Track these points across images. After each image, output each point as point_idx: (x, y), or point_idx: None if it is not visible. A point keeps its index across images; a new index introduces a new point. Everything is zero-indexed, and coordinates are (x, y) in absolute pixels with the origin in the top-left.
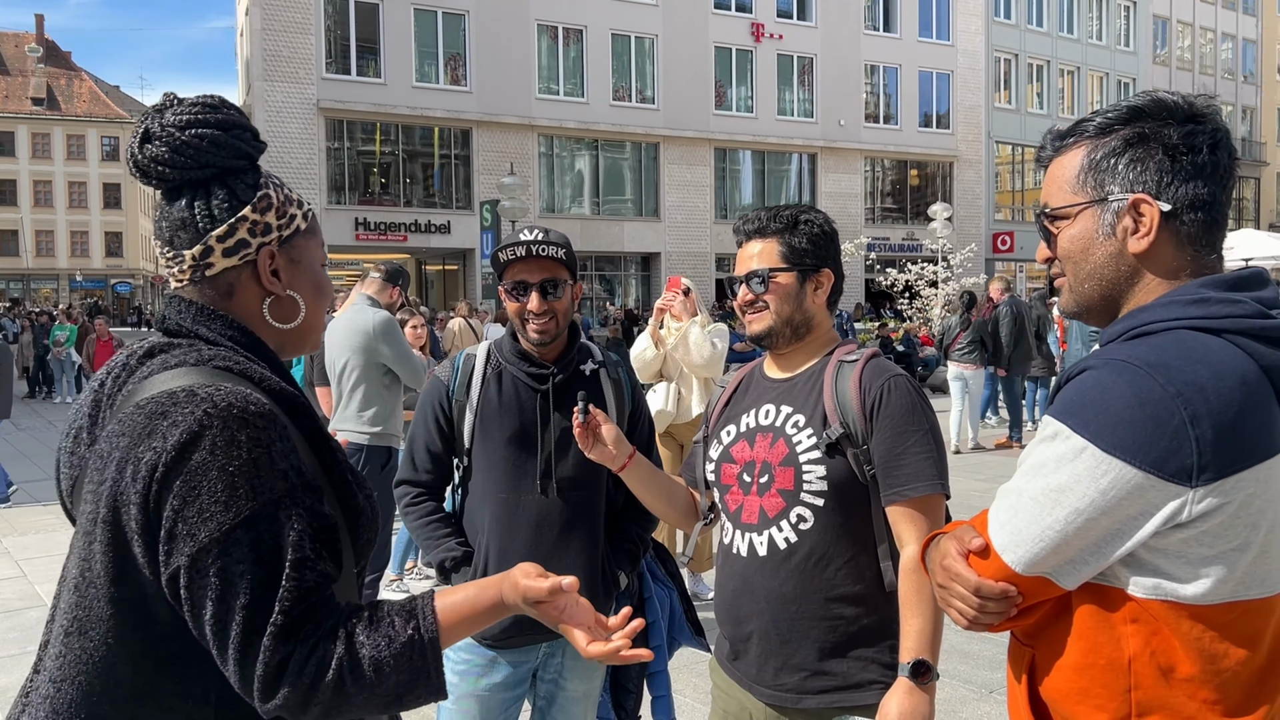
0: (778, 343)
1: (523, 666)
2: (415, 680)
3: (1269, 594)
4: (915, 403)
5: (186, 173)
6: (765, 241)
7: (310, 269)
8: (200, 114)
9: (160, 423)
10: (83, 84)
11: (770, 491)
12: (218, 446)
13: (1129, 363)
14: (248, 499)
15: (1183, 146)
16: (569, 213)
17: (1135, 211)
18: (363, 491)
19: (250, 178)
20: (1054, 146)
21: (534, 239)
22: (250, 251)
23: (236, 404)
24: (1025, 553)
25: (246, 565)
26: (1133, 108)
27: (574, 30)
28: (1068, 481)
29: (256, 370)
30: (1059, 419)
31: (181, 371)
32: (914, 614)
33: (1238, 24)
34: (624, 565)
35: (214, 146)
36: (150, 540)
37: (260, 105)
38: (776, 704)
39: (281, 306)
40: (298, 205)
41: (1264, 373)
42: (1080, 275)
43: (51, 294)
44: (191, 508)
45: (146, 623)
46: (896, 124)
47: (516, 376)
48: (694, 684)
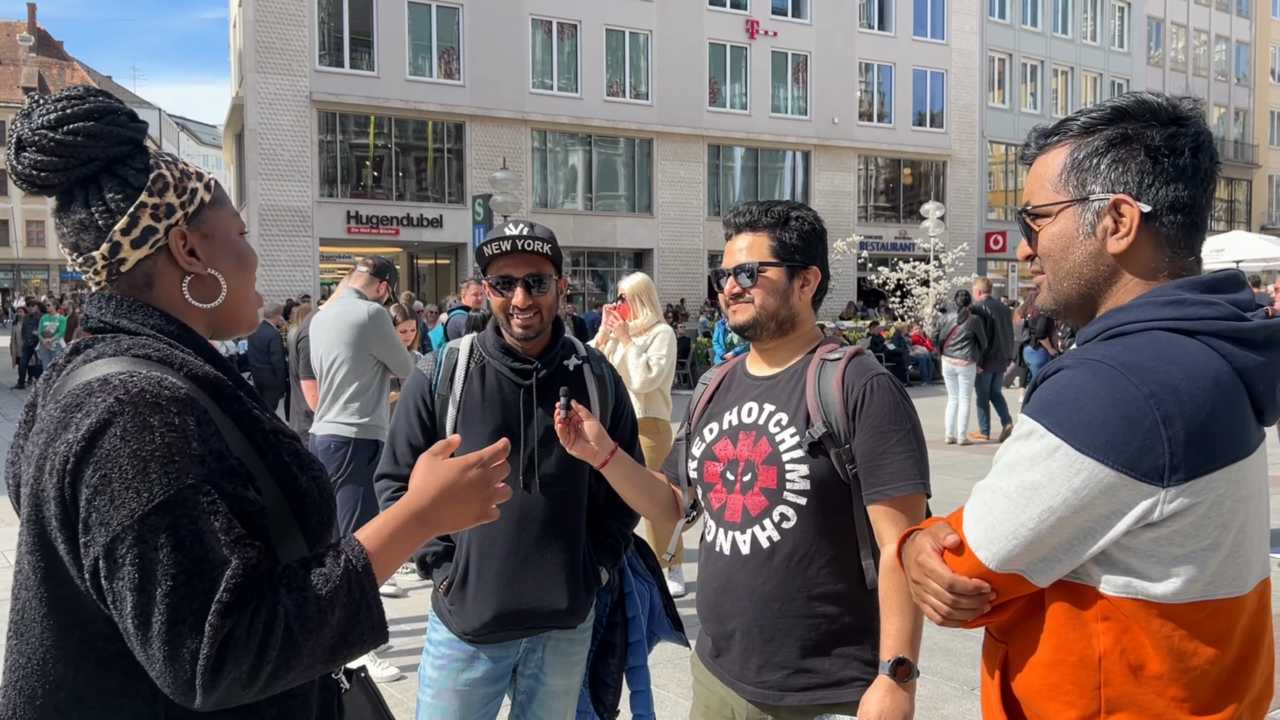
0: (760, 335)
1: (503, 661)
2: (357, 614)
3: (1238, 594)
4: (897, 402)
5: (70, 173)
6: (755, 235)
7: (226, 240)
8: (68, 108)
9: (75, 414)
10: (75, 74)
11: (753, 490)
12: (129, 432)
13: (1104, 363)
14: (161, 484)
15: (1165, 149)
16: (562, 208)
17: (1116, 212)
18: (307, 473)
19: (139, 161)
20: (1038, 144)
21: (519, 233)
22: (159, 237)
23: (149, 389)
24: (999, 549)
25: (166, 551)
26: (1116, 108)
27: (568, 25)
28: (1041, 479)
29: (179, 356)
30: (1034, 418)
31: (100, 363)
32: (894, 612)
33: (1231, 26)
34: (605, 560)
35: (90, 139)
36: (71, 536)
37: (253, 97)
38: (759, 701)
39: (203, 285)
40: (197, 178)
41: (1237, 374)
42: (1059, 273)
43: (42, 284)
44: (103, 496)
45: (81, 622)
46: (890, 122)
47: (500, 371)
48: (677, 679)
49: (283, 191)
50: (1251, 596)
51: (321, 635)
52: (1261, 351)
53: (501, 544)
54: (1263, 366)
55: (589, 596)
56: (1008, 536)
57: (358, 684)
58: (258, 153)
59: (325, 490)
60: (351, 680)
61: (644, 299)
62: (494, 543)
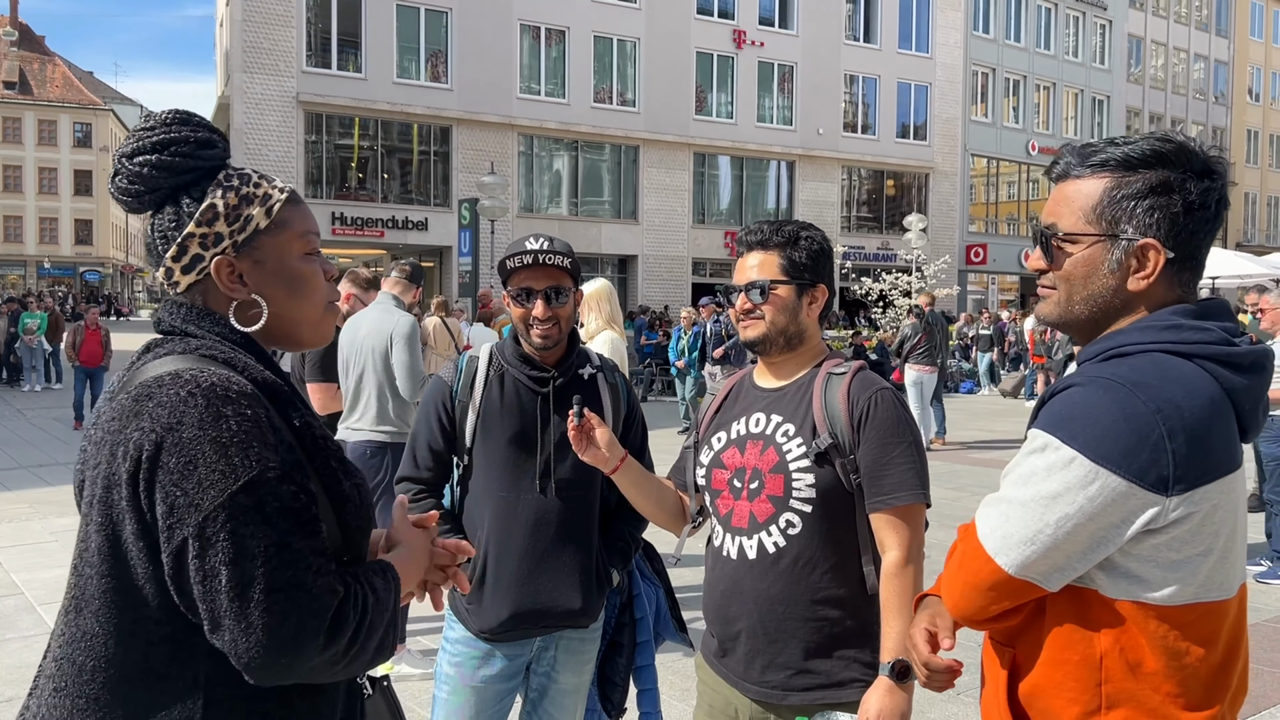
0: (770, 350)
1: (517, 660)
2: (394, 624)
3: (1226, 597)
4: (900, 415)
5: (143, 198)
6: (767, 254)
7: (279, 266)
8: (143, 139)
9: (147, 404)
10: (56, 69)
11: (760, 497)
12: (205, 421)
13: (1113, 380)
14: (244, 466)
15: (1198, 203)
16: (547, 213)
17: (1143, 254)
18: (350, 479)
19: (198, 190)
20: (1075, 170)
21: (540, 248)
22: (205, 264)
23: (219, 384)
24: (1017, 556)
25: (256, 527)
26: (1159, 153)
27: (556, 31)
28: (1058, 489)
29: (241, 359)
30: (1049, 431)
31: (170, 359)
32: (895, 617)
33: (1210, 45)
34: (616, 563)
35: (155, 170)
36: (140, 519)
37: (239, 97)
38: (762, 700)
39: (246, 309)
40: (260, 202)
41: (1226, 394)
42: (1076, 297)
43: (19, 280)
44: (190, 480)
45: (136, 603)
46: (874, 134)
47: (518, 379)
48: (670, 680)
49: None
50: (1235, 600)
51: (378, 633)
52: (1248, 375)
53: (518, 546)
54: (1249, 388)
55: (600, 597)
56: (1025, 543)
57: (380, 691)
58: (243, 152)
59: (365, 498)
60: (374, 687)
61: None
62: (510, 544)
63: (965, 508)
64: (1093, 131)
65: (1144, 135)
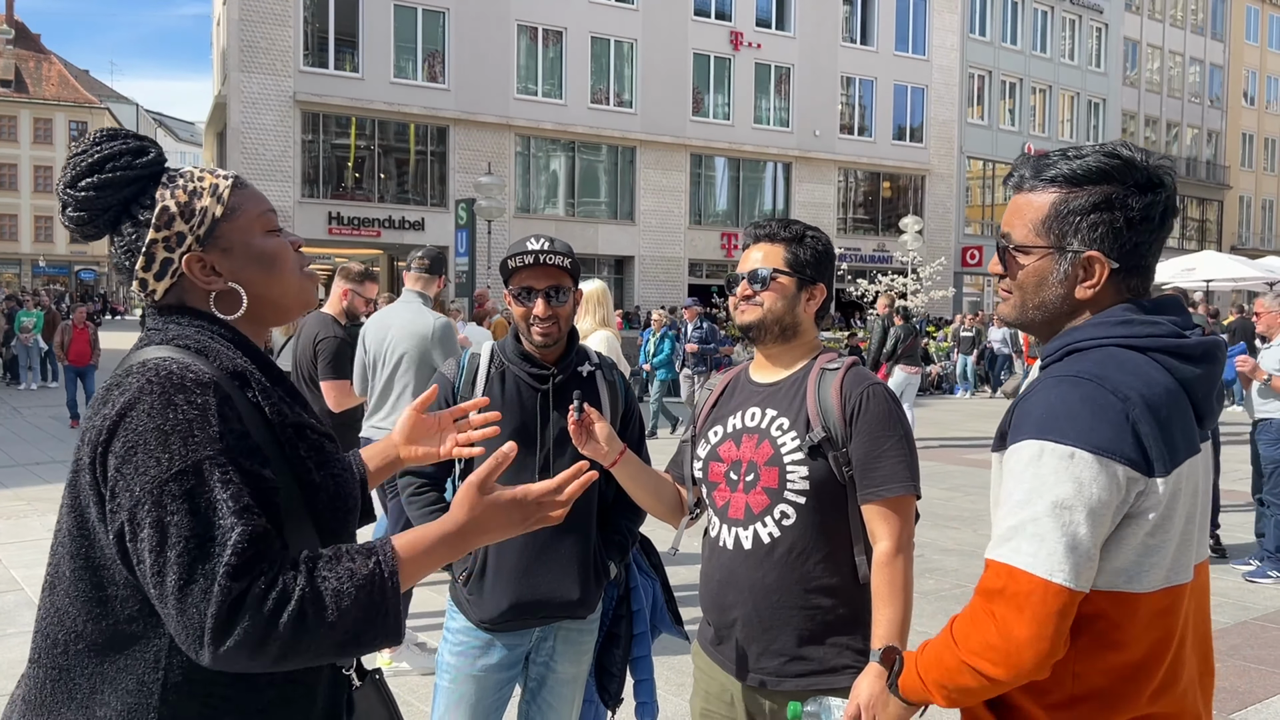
0: (764, 337)
1: (517, 649)
2: (373, 618)
3: (1188, 580)
4: (891, 410)
5: (96, 222)
6: (772, 246)
7: (246, 248)
8: (80, 163)
9: (114, 392)
10: (52, 67)
11: (756, 489)
12: (154, 409)
13: (1078, 376)
14: (180, 454)
15: (1140, 217)
16: (544, 213)
17: (1088, 265)
18: (325, 469)
19: (146, 198)
20: (1026, 181)
21: (541, 248)
22: (176, 265)
23: (176, 372)
24: (1070, 567)
25: (181, 515)
26: (1103, 170)
27: (554, 32)
28: (1072, 488)
29: (215, 347)
30: (1038, 438)
31: (147, 350)
32: (886, 605)
33: (1206, 49)
34: (614, 556)
35: (99, 190)
36: (100, 501)
37: (236, 96)
38: (757, 686)
39: (227, 299)
40: (210, 193)
41: (1180, 384)
42: (1030, 304)
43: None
44: (129, 465)
45: (104, 582)
46: (871, 136)
47: (519, 376)
48: (666, 676)
49: (264, 191)
50: (1194, 582)
51: (334, 628)
52: (1199, 365)
53: (517, 538)
54: (1201, 378)
55: (598, 589)
56: (1070, 550)
57: (370, 684)
58: (240, 152)
59: (343, 488)
60: (365, 679)
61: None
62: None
63: (959, 508)
64: (1089, 134)
65: (1094, 149)
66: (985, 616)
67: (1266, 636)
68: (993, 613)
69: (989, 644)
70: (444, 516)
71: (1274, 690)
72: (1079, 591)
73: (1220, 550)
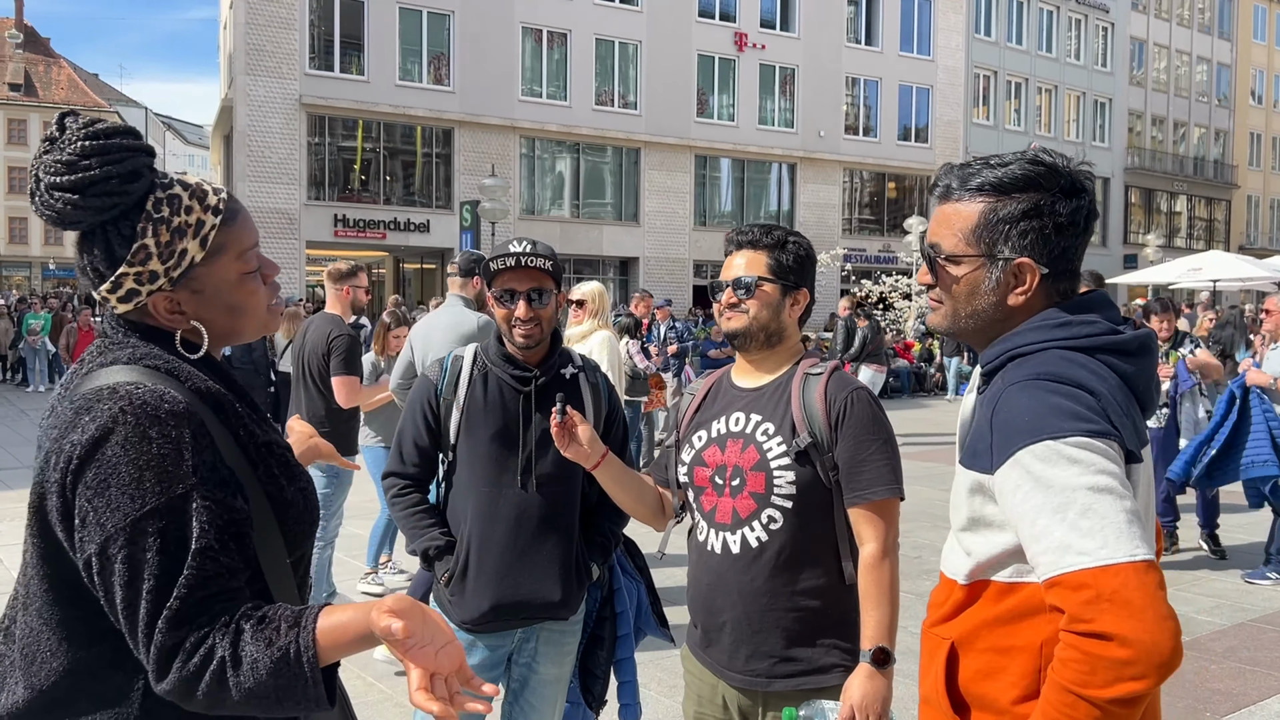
0: (749, 345)
1: (499, 650)
2: (292, 687)
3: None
4: (875, 414)
5: (70, 227)
6: (755, 253)
7: (218, 294)
8: (57, 175)
9: (83, 417)
10: (61, 71)
11: (742, 494)
12: (129, 441)
13: (1039, 378)
14: (154, 492)
15: (1067, 221)
16: (549, 215)
17: (1019, 272)
18: (294, 484)
19: (127, 226)
20: (954, 191)
21: (523, 250)
22: (142, 299)
23: (150, 402)
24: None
25: (152, 554)
26: (1029, 177)
27: (558, 34)
28: (1095, 472)
29: (185, 369)
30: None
31: (114, 369)
32: (874, 606)
33: (1213, 48)
34: (596, 557)
35: (77, 209)
36: (68, 524)
37: (242, 99)
38: (747, 688)
39: (188, 335)
40: (194, 233)
41: (1122, 379)
42: (962, 313)
43: (24, 281)
44: (101, 498)
45: (75, 600)
46: (875, 136)
47: (501, 378)
48: (659, 678)
49: (270, 194)
50: None
51: (254, 692)
52: (1136, 359)
53: (500, 539)
54: (1140, 371)
55: (580, 590)
56: (1129, 523)
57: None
58: (246, 154)
59: (310, 500)
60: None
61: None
62: (492, 538)
63: None
64: (1095, 134)
65: (1016, 156)
66: (1095, 641)
67: (1263, 638)
68: (1103, 629)
69: (1120, 662)
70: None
71: (1269, 692)
72: (1155, 560)
73: (1219, 552)
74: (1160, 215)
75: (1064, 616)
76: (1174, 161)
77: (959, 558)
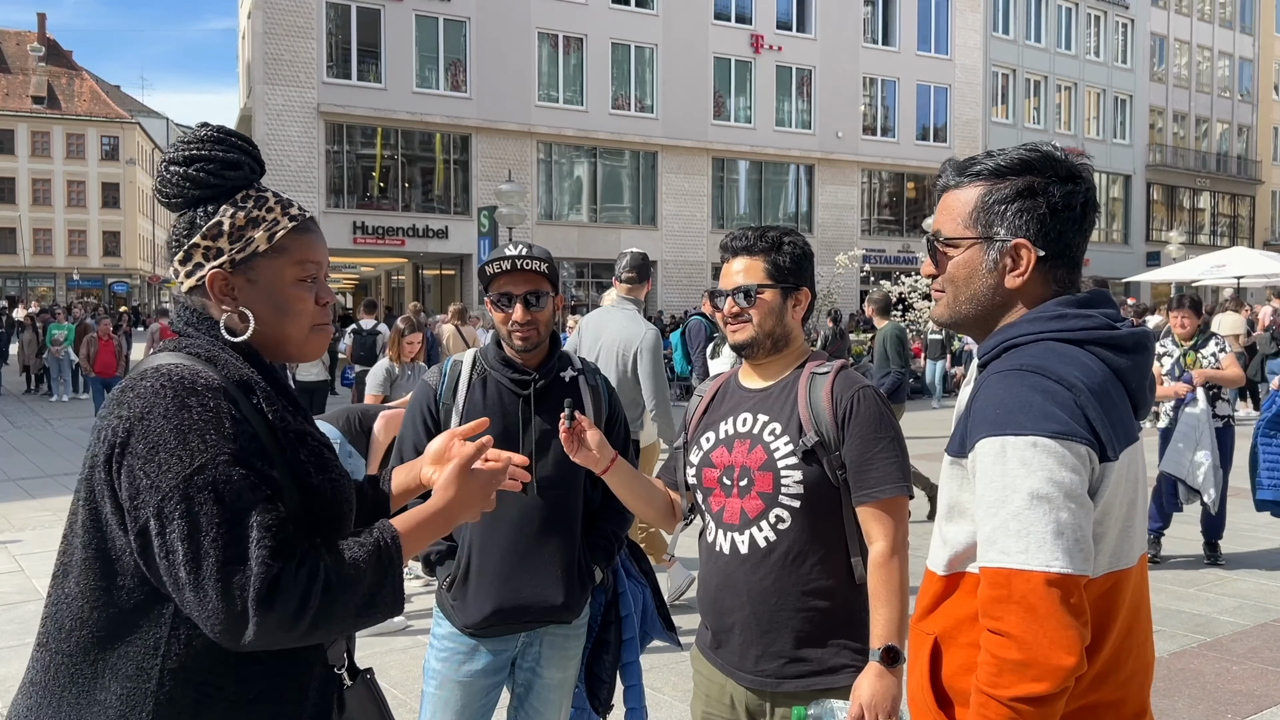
0: (758, 353)
1: (502, 655)
2: (383, 578)
3: (1130, 565)
4: (882, 412)
5: (171, 202)
6: (751, 259)
7: (269, 288)
8: (177, 151)
9: (128, 394)
10: (83, 83)
11: (750, 494)
12: (170, 410)
13: (1020, 369)
14: (201, 450)
15: (1062, 204)
16: (567, 219)
17: (1016, 253)
18: (324, 474)
19: (214, 205)
20: (953, 180)
21: (518, 254)
22: (204, 273)
23: (187, 377)
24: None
25: (209, 505)
26: (1024, 160)
27: (574, 39)
28: (1043, 476)
29: (224, 357)
30: (997, 434)
31: (160, 356)
32: (883, 604)
33: (1234, 43)
34: (599, 560)
35: (183, 181)
36: (114, 497)
37: (261, 108)
38: (757, 688)
39: (235, 320)
40: (266, 227)
41: (1114, 374)
42: (961, 297)
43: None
44: (152, 463)
45: (111, 573)
46: (894, 136)
47: (500, 382)
48: (672, 682)
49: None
50: (1136, 568)
51: (355, 593)
52: (1131, 355)
53: (501, 543)
54: (1134, 367)
55: (583, 594)
56: (1056, 535)
57: (362, 682)
58: (265, 163)
59: (340, 493)
60: (356, 678)
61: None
62: (494, 541)
63: None
64: (1116, 131)
65: (1016, 147)
66: (998, 639)
67: None
68: (1004, 629)
69: (1017, 663)
70: (432, 497)
71: None
72: (1081, 575)
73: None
74: (1183, 212)
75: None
76: (1196, 158)
77: (938, 548)
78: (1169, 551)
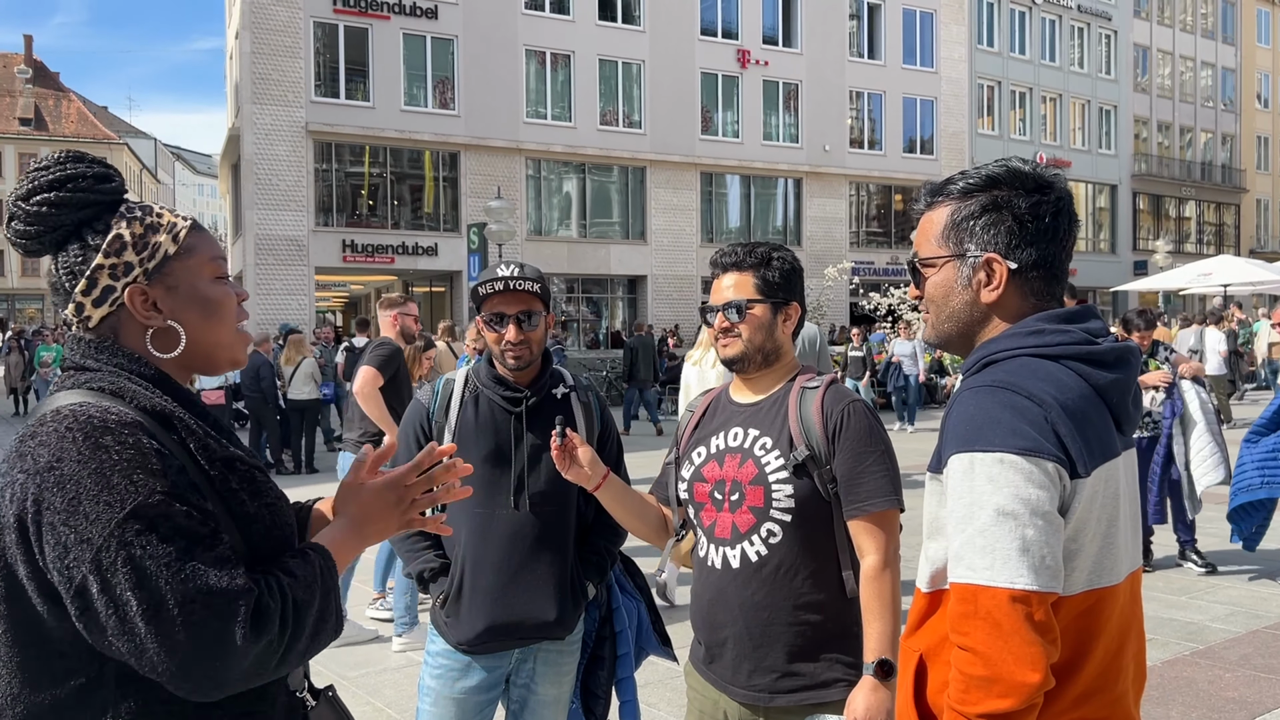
0: (748, 368)
1: (496, 671)
2: (329, 597)
3: (1115, 582)
4: (872, 426)
5: (44, 239)
6: (741, 274)
7: (192, 291)
8: (36, 179)
9: (29, 444)
10: (70, 104)
11: (741, 509)
12: (84, 454)
13: (992, 385)
14: (130, 492)
15: (1029, 215)
16: (556, 235)
17: (988, 268)
18: (259, 500)
19: (101, 223)
20: (926, 202)
21: (510, 274)
22: (118, 295)
23: (96, 415)
24: (1026, 566)
25: (153, 545)
26: (991, 176)
27: (561, 55)
28: (1009, 493)
29: (130, 388)
30: (965, 450)
31: (59, 396)
32: (876, 618)
33: (1217, 53)
34: (592, 576)
35: (53, 207)
36: (31, 561)
37: (249, 127)
38: (750, 703)
39: (164, 336)
40: (167, 230)
41: (1094, 389)
42: (941, 316)
43: (37, 314)
44: (75, 516)
45: (39, 640)
46: (881, 149)
47: (492, 399)
48: (668, 697)
49: (279, 221)
50: (1124, 585)
51: (311, 612)
52: (1112, 370)
53: (493, 560)
54: (1115, 383)
55: (576, 610)
56: (1022, 552)
57: (325, 701)
58: (254, 182)
59: (279, 517)
60: (319, 698)
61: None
62: (486, 558)
63: None
64: (1101, 142)
65: (986, 164)
66: (965, 655)
67: (1278, 645)
68: (970, 645)
69: (982, 679)
70: (336, 520)
71: None
72: (1048, 592)
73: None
74: (1169, 221)
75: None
76: (1181, 167)
77: (922, 564)
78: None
